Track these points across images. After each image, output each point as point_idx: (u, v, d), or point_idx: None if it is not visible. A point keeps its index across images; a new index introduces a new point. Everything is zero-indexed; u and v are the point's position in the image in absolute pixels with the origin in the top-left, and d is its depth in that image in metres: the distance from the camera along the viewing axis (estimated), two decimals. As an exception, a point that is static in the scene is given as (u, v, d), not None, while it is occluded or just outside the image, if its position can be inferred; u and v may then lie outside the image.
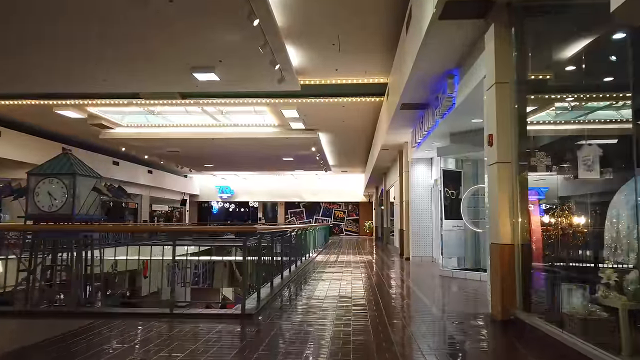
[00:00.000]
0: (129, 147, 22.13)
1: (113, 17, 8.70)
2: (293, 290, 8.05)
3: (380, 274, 10.65)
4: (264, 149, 22.65)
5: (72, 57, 10.79)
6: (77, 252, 6.63)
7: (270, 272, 7.98)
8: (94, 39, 9.70)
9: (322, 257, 15.30)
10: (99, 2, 8.19)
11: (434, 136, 10.52)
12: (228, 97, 15.23)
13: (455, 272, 9.77)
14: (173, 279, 5.83)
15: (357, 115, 16.83)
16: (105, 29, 9.20)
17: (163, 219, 35.41)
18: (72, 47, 10.16)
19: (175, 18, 8.68)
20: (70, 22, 8.96)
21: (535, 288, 5.00)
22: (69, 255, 6.48)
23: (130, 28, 9.16)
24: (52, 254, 6.81)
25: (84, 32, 9.39)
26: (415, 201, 13.73)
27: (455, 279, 9.61)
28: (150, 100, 15.48)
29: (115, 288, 14.47)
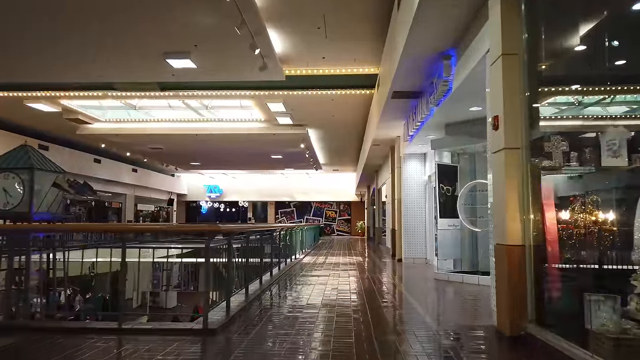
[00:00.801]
0: (109, 144, 21.16)
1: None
2: (271, 298, 7.19)
3: (371, 277, 9.82)
4: (251, 146, 21.77)
5: (40, 45, 9.90)
6: (26, 256, 5.75)
7: (247, 277, 7.12)
8: (54, 21, 8.80)
9: (310, 259, 14.45)
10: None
11: (428, 128, 9.71)
12: (210, 89, 14.36)
13: (451, 275, 8.97)
14: (123, 286, 4.95)
15: (347, 110, 16.02)
16: (66, 10, 8.31)
17: (149, 219, 34.37)
18: (36, 31, 9.24)
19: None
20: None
21: (551, 298, 4.19)
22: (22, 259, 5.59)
23: (93, 6, 8.26)
24: (8, 258, 5.95)
25: (43, 15, 8.49)
26: (408, 199, 12.93)
27: (451, 282, 8.80)
28: (127, 92, 14.56)
29: (94, 293, 13.55)
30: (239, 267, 7.04)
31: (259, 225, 9.96)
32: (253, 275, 7.87)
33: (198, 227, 6.09)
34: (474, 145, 8.83)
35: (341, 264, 12.65)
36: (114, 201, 29.25)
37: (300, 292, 7.59)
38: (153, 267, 5.58)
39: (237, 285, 6.76)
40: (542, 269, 4.19)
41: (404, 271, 11.24)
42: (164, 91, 14.39)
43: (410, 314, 5.94)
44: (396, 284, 8.91)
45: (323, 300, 6.80)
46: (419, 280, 9.68)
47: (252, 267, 7.82)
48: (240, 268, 6.98)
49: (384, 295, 7.49)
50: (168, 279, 6.61)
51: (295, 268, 11.67)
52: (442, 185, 9.34)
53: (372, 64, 12.06)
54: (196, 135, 19.12)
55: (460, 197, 9.08)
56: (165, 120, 18.44)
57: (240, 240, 6.97)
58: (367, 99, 14.50)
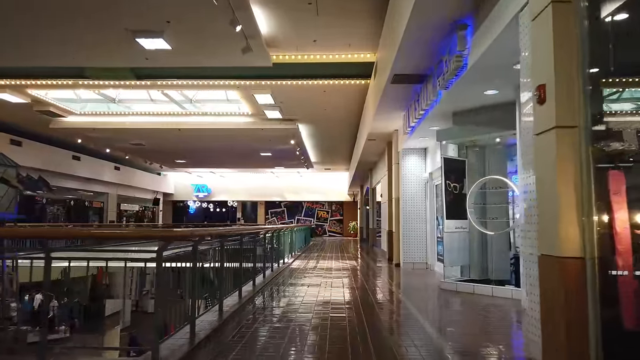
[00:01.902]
0: (86, 139, 19.85)
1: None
2: (252, 316, 6.02)
3: (367, 286, 8.68)
4: (238, 142, 20.57)
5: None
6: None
7: (222, 289, 5.95)
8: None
9: (299, 263, 13.29)
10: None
11: (432, 117, 8.60)
12: (190, 78, 13.16)
13: (460, 285, 7.84)
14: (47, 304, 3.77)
15: (340, 103, 14.89)
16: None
17: (133, 220, 33.01)
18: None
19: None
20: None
21: (624, 330, 3.07)
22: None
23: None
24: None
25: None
26: (407, 198, 11.81)
27: (459, 293, 7.68)
28: (100, 81, 13.32)
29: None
30: (212, 277, 5.87)
31: (240, 227, 8.78)
32: (231, 287, 6.71)
33: (142, 233, 4.85)
34: (487, 136, 7.72)
35: (334, 270, 11.50)
36: (95, 200, 27.88)
37: (287, 308, 6.43)
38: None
39: (207, 302, 5.59)
40: (611, 290, 3.07)
41: (404, 278, 10.12)
42: (140, 80, 13.18)
43: (421, 341, 4.80)
44: (397, 296, 7.76)
45: (313, 319, 5.65)
46: (423, 290, 8.56)
47: (232, 276, 6.67)
48: (213, 280, 5.81)
49: (384, 313, 6.35)
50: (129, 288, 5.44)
51: (283, 275, 10.50)
52: (449, 182, 8.23)
53: (368, 49, 10.94)
54: (179, 129, 17.90)
55: (470, 195, 7.97)
56: (145, 114, 17.19)
57: (215, 246, 5.79)
58: (361, 90, 13.38)
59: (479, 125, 7.63)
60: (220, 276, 5.77)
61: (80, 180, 24.43)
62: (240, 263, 6.86)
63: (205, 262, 5.65)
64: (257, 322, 5.50)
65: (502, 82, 6.42)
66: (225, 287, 6.24)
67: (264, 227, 10.65)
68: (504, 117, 7.02)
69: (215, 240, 5.92)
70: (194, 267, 4.51)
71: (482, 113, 7.56)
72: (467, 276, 8.47)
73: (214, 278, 5.89)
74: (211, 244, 5.93)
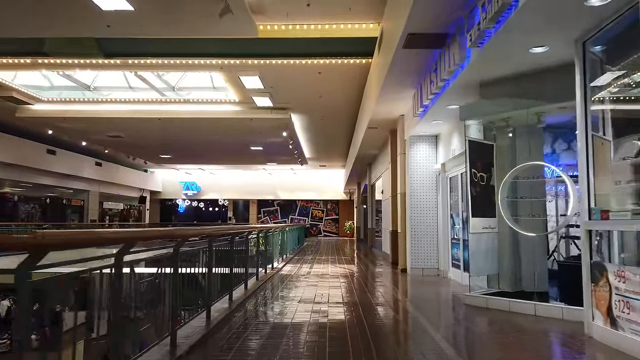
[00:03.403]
0: (57, 130, 18.12)
1: None
2: (215, 348, 4.37)
3: (372, 301, 7.06)
4: (226, 135, 18.91)
5: None
6: None
7: (173, 317, 4.31)
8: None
9: (291, 268, 11.64)
10: None
11: (453, 92, 6.98)
12: (166, 56, 11.49)
13: (490, 301, 6.22)
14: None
15: (338, 88, 13.28)
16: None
17: (118, 219, 31.23)
18: None
19: None
20: None
21: None
22: None
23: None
24: None
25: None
26: (415, 193, 10.19)
27: (491, 311, 6.07)
28: (63, 59, 11.61)
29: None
30: (164, 295, 4.23)
31: (215, 228, 7.16)
32: (197, 306, 5.07)
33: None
34: (526, 112, 6.10)
35: (330, 277, 9.87)
36: (75, 198, 26.09)
37: (269, 341, 4.78)
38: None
39: (155, 332, 3.95)
40: None
41: (416, 289, 8.50)
42: (109, 58, 11.50)
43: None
44: (415, 317, 6.11)
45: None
46: (444, 306, 6.94)
47: (200, 289, 5.05)
48: (163, 299, 4.17)
49: (403, 348, 4.72)
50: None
51: (272, 283, 8.87)
52: (475, 171, 6.61)
53: (371, 17, 9.34)
54: (159, 119, 16.22)
55: (502, 187, 6.36)
56: (121, 101, 15.48)
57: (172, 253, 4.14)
58: (362, 72, 11.78)
59: (517, 98, 6.01)
60: (175, 295, 4.12)
61: (56, 176, 22.66)
62: (206, 275, 5.20)
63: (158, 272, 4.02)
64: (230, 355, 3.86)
65: (558, 34, 4.81)
66: (190, 307, 4.61)
67: (248, 226, 9.05)
68: (554, 84, 5.44)
69: (170, 245, 4.28)
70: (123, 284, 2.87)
71: (522, 81, 5.94)
72: (495, 287, 6.85)
73: (167, 295, 4.24)
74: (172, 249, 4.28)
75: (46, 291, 2.37)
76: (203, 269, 5.31)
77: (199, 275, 5.25)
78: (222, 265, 6.26)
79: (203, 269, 5.31)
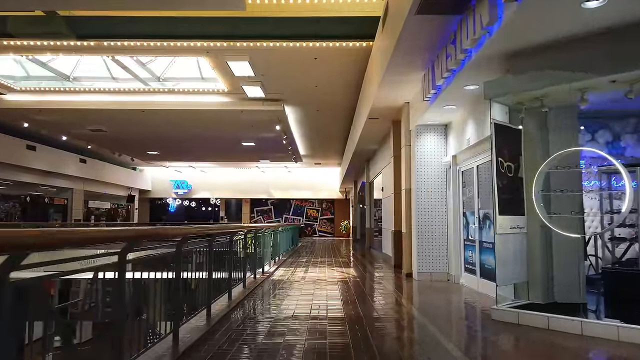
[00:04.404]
0: (34, 123, 16.91)
1: None
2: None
3: (379, 317, 5.97)
4: (215, 129, 17.78)
5: None
6: None
7: (147, 332, 3.23)
8: None
9: (283, 272, 10.55)
10: None
11: (474, 67, 5.91)
12: (145, 38, 10.37)
13: (524, 316, 5.16)
14: None
15: (335, 76, 12.21)
16: None
17: (104, 219, 29.97)
18: None
19: None
20: None
21: None
22: None
23: None
24: None
25: None
26: (423, 189, 9.12)
27: (524, 329, 5.01)
28: (30, 41, 10.45)
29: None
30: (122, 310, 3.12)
31: (187, 228, 6.04)
32: (162, 331, 3.98)
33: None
34: (568, 87, 5.02)
35: (328, 283, 8.79)
36: (58, 197, 24.83)
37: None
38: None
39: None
40: None
41: (429, 299, 7.42)
42: (82, 40, 10.37)
43: None
44: (439, 341, 5.01)
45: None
46: (470, 324, 5.85)
47: (166, 303, 3.95)
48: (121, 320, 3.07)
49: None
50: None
51: (261, 291, 7.78)
52: (502, 160, 5.54)
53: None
54: (142, 111, 15.07)
55: (537, 178, 5.31)
56: (100, 91, 14.32)
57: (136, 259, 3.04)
58: (362, 57, 10.74)
59: (559, 70, 4.94)
60: (121, 320, 3.01)
61: (37, 173, 21.41)
62: (175, 286, 4.10)
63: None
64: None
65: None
66: (155, 327, 3.52)
67: (232, 226, 7.96)
68: (608, 51, 4.39)
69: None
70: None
71: (566, 48, 4.88)
72: (524, 298, 5.79)
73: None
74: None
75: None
76: (171, 277, 4.21)
77: (162, 288, 4.16)
78: (202, 270, 5.18)
79: (170, 277, 4.21)
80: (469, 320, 5.88)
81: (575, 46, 4.78)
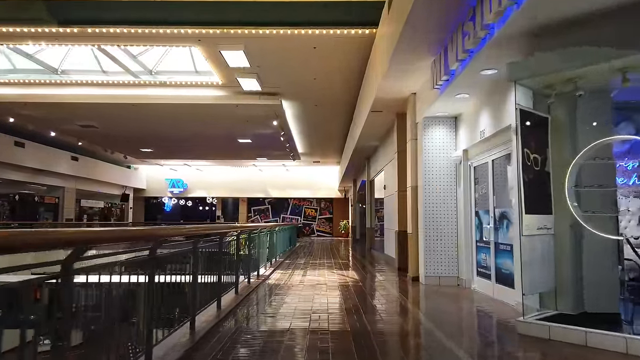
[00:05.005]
0: (20, 118, 16.17)
1: None
2: None
3: (390, 331, 5.29)
4: (209, 124, 17.07)
5: None
6: None
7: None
8: None
9: (280, 275, 9.87)
10: None
11: (494, 47, 5.23)
12: (132, 24, 9.68)
13: (555, 330, 4.48)
14: None
15: (335, 68, 11.55)
16: None
17: (98, 218, 29.23)
18: None
19: None
20: None
21: None
22: None
23: None
24: None
25: None
26: (431, 186, 8.43)
27: (558, 345, 4.34)
28: (10, 28, 9.73)
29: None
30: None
31: (164, 228, 5.29)
32: (134, 346, 3.31)
33: None
34: (607, 66, 4.34)
35: (328, 288, 8.11)
36: (48, 196, 24.09)
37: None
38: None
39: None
40: None
41: (441, 306, 6.73)
42: (64, 26, 9.67)
43: None
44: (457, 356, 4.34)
45: None
46: (495, 339, 5.16)
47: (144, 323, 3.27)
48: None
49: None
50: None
51: (256, 296, 7.09)
52: (528, 152, 4.86)
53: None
54: (133, 105, 14.37)
55: (571, 171, 4.63)
56: (87, 83, 13.60)
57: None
58: (364, 47, 10.11)
59: (596, 46, 4.26)
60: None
61: (26, 171, 20.69)
62: (148, 298, 3.40)
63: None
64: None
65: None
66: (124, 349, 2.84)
67: (222, 226, 7.24)
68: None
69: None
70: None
71: (606, 20, 4.21)
72: (551, 308, 5.11)
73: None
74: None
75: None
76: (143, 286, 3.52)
77: (134, 300, 3.47)
78: (186, 276, 4.50)
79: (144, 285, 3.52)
80: (493, 335, 5.18)
81: (617, 17, 4.10)
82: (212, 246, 5.74)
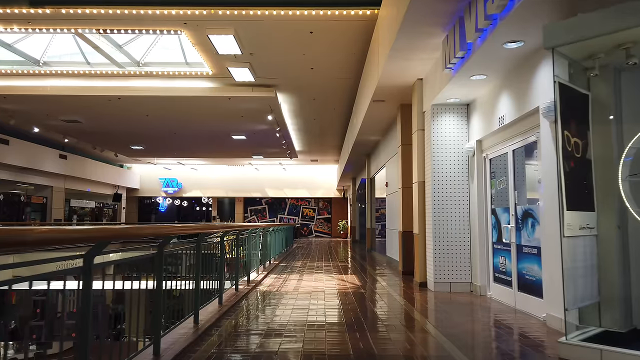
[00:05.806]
0: (0, 113, 15.23)
1: None
2: None
3: (402, 355, 4.40)
4: (202, 120, 16.18)
5: None
6: None
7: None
8: None
9: (273, 281, 8.97)
10: None
11: (522, 12, 4.35)
12: (110, 5, 8.79)
13: (610, 355, 3.59)
14: None
15: (333, 56, 10.66)
16: None
17: (89, 219, 28.29)
18: None
19: None
20: None
21: None
22: None
23: None
24: None
25: None
26: (440, 182, 7.55)
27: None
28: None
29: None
30: None
31: (120, 227, 4.52)
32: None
33: None
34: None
35: (326, 296, 7.21)
36: (36, 195, 23.16)
37: None
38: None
39: None
40: None
41: (458, 319, 5.82)
42: (35, 7, 8.79)
43: None
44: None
45: None
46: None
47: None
48: None
49: None
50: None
51: (241, 310, 6.20)
52: (569, 135, 3.98)
53: None
54: (119, 97, 13.49)
55: (625, 157, 3.75)
56: (68, 74, 12.68)
57: None
58: (364, 32, 9.24)
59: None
60: None
61: (11, 169, 19.78)
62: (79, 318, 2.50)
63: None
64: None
65: None
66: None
67: (201, 226, 6.41)
68: None
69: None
70: None
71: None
72: (594, 324, 4.23)
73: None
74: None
75: None
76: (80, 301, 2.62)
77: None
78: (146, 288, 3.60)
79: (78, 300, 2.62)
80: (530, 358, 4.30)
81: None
82: (188, 249, 4.85)
